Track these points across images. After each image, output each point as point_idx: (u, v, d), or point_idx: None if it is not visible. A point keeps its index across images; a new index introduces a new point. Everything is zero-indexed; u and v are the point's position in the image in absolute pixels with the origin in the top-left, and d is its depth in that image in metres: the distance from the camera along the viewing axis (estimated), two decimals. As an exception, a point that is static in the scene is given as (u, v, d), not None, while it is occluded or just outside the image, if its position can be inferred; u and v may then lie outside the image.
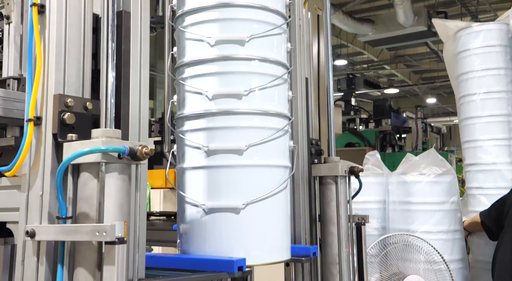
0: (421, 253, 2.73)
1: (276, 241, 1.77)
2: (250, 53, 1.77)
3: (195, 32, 1.78)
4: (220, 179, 1.71)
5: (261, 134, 1.76)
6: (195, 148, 1.75)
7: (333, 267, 2.24)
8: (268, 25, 1.81)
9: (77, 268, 1.24)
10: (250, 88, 1.75)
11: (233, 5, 1.77)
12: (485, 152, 3.51)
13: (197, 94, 1.77)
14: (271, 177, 1.78)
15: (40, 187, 1.31)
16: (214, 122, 1.75)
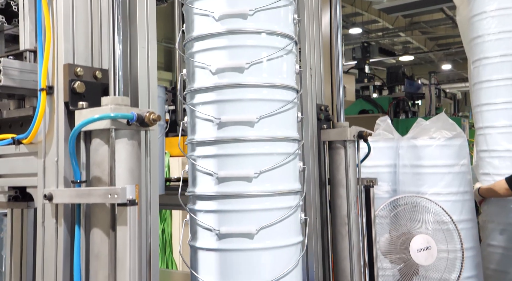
0: (430, 214, 2.72)
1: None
2: (256, 27, 1.71)
3: (201, 7, 1.74)
4: (230, 152, 1.67)
5: (270, 106, 1.72)
6: (206, 120, 1.71)
7: (343, 228, 2.25)
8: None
9: (92, 228, 1.27)
10: (256, 60, 1.69)
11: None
12: (498, 116, 3.44)
13: (204, 69, 1.72)
14: (281, 149, 1.74)
15: (55, 153, 1.33)
16: (223, 96, 1.70)
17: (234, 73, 1.69)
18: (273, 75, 1.75)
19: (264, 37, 1.73)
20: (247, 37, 1.71)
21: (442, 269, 2.66)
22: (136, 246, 1.21)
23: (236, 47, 1.71)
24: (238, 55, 1.70)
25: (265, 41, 1.73)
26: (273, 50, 1.73)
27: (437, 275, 2.67)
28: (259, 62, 1.70)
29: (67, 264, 1.28)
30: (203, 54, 1.74)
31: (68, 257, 1.29)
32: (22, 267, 1.62)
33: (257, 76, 1.70)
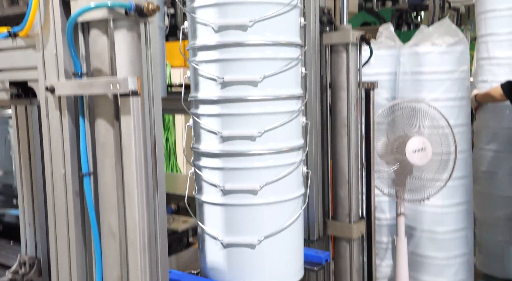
0: (427, 118, 2.72)
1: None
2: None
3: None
4: (234, 112, 1.67)
5: (274, 65, 1.68)
6: (209, 79, 1.69)
7: (342, 129, 2.26)
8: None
9: (97, 119, 1.26)
10: (259, 18, 1.62)
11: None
12: (501, 23, 3.35)
13: (206, 26, 1.65)
14: (284, 108, 1.73)
15: (54, 46, 1.29)
16: (226, 54, 1.66)
17: (237, 31, 1.62)
18: (277, 33, 1.68)
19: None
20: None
21: (434, 169, 2.72)
22: (141, 135, 1.21)
23: (239, 4, 1.62)
24: (241, 13, 1.61)
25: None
26: (277, 6, 1.63)
27: (429, 175, 2.73)
28: (262, 20, 1.62)
29: (74, 154, 1.29)
30: (205, 10, 1.65)
31: (74, 148, 1.29)
32: (31, 164, 1.64)
33: (261, 34, 1.64)
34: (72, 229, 1.30)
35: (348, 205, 2.26)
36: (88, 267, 1.30)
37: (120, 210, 1.23)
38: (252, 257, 1.69)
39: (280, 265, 1.76)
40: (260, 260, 1.71)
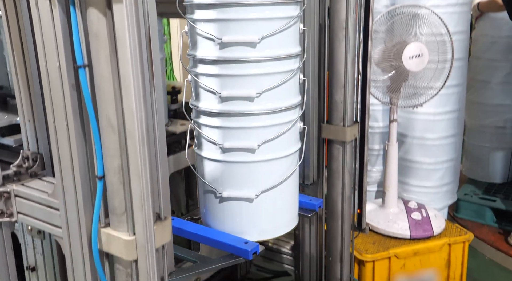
0: (426, 25, 2.64)
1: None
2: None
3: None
4: (232, 72, 1.65)
5: (272, 25, 1.63)
6: (207, 38, 1.64)
7: (340, 32, 2.19)
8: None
9: (88, 9, 1.19)
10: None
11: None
12: None
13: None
14: (282, 68, 1.69)
15: None
16: (224, 14, 1.60)
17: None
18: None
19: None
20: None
21: (429, 77, 2.69)
22: (135, 24, 1.15)
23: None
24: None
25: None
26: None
27: (423, 84, 2.71)
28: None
29: (68, 46, 1.24)
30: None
31: (68, 39, 1.24)
32: (25, 61, 1.59)
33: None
34: (71, 122, 1.29)
35: (343, 109, 2.26)
36: (89, 158, 1.30)
37: (117, 102, 1.21)
38: (249, 209, 1.77)
39: (276, 216, 1.85)
40: (257, 212, 1.78)
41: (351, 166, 2.32)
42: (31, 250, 1.78)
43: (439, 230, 2.74)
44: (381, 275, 2.62)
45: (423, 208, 2.88)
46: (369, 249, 2.65)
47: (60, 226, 1.40)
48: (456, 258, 2.74)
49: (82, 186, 1.31)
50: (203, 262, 1.75)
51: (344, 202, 2.32)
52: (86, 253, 1.34)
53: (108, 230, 1.30)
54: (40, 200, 1.44)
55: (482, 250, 3.44)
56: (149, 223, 1.25)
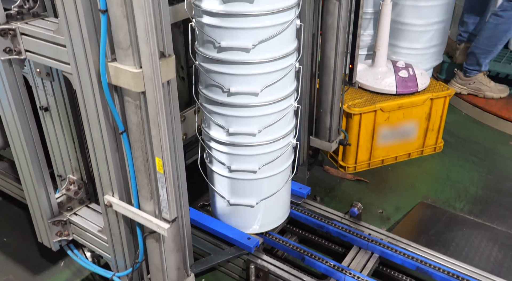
0: None
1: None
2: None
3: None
4: (232, 25, 1.63)
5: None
6: None
7: None
8: None
9: None
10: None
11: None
12: None
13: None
14: (279, 20, 1.66)
15: None
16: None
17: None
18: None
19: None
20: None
21: None
22: None
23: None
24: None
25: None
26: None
27: None
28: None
29: None
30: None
31: None
32: None
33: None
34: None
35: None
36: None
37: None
38: (251, 212, 2.05)
39: (272, 214, 2.12)
40: (257, 214, 2.07)
41: (346, 21, 2.25)
42: (42, 91, 1.79)
43: (424, 87, 2.79)
44: (366, 127, 2.72)
45: (410, 67, 2.89)
46: (357, 104, 2.71)
47: (68, 62, 1.38)
48: (437, 111, 2.84)
49: (86, 21, 1.26)
50: (215, 254, 2.06)
51: (337, 57, 2.30)
52: (95, 86, 1.35)
53: (115, 64, 1.29)
54: (46, 37, 1.40)
55: (460, 107, 3.55)
56: (154, 57, 1.23)
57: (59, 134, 1.89)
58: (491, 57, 3.29)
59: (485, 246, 2.30)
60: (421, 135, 2.92)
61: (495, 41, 3.16)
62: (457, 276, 1.96)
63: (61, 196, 1.96)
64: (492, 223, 2.47)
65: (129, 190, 1.56)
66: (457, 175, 2.87)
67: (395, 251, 2.08)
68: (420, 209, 2.57)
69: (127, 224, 1.65)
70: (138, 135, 1.39)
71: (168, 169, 1.41)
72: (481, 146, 3.16)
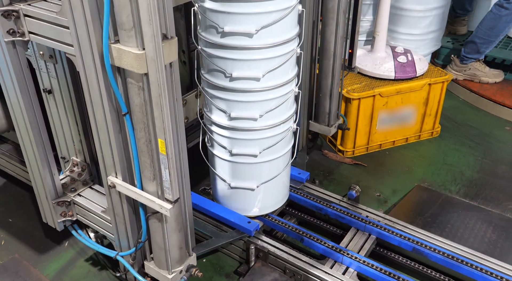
0: None
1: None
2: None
3: None
4: (234, 10, 1.62)
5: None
6: None
7: None
8: None
9: None
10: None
11: None
12: None
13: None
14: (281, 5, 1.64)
15: None
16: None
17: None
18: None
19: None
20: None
21: None
22: None
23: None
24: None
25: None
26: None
27: None
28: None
29: None
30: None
31: None
32: None
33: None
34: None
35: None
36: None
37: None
38: (251, 195, 2.05)
39: (272, 198, 2.12)
40: (257, 197, 2.06)
41: (346, 5, 2.24)
42: (45, 74, 1.78)
43: (422, 72, 2.78)
44: (365, 111, 2.72)
45: (409, 53, 2.88)
46: (356, 89, 2.70)
47: (72, 44, 1.37)
48: (435, 96, 2.83)
49: (89, 2, 1.25)
50: (217, 237, 2.05)
51: (337, 41, 2.29)
52: (99, 68, 1.35)
53: (118, 45, 1.28)
54: (49, 18, 1.39)
55: (457, 93, 3.55)
56: (157, 38, 1.23)
57: (62, 116, 1.89)
58: (492, 47, 3.27)
59: (479, 228, 2.32)
60: (419, 120, 2.92)
61: (497, 32, 3.13)
62: (452, 256, 1.99)
63: (65, 177, 1.97)
64: (487, 205, 2.49)
65: (132, 171, 1.57)
66: (453, 159, 2.88)
67: (392, 233, 2.10)
68: (417, 192, 2.58)
69: (130, 205, 1.66)
70: (141, 116, 1.39)
71: (170, 150, 1.41)
72: (477, 130, 3.16)
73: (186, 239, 1.73)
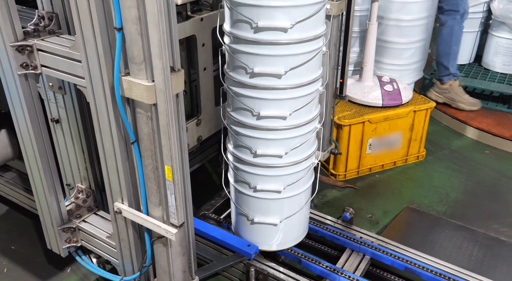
0: None
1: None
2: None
3: None
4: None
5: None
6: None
7: None
8: None
9: None
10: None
11: None
12: None
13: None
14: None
15: None
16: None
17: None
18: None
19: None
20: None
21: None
22: None
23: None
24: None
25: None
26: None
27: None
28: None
29: None
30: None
31: None
32: None
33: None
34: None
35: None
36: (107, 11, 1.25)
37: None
38: (273, 230, 2.00)
39: (292, 233, 2.06)
40: (279, 231, 2.01)
41: (337, 38, 2.30)
42: (53, 104, 1.78)
43: (407, 99, 2.84)
44: (355, 137, 2.76)
45: (395, 82, 2.94)
46: (346, 116, 2.75)
47: (83, 77, 1.39)
48: (419, 122, 2.89)
49: (102, 37, 1.27)
50: (217, 261, 2.03)
51: (329, 71, 2.33)
52: (109, 99, 1.35)
53: (128, 77, 1.30)
54: (62, 52, 1.40)
55: (441, 120, 3.62)
56: (166, 71, 1.25)
57: (69, 145, 1.88)
58: (453, 59, 3.42)
59: (466, 247, 2.34)
60: (405, 144, 2.96)
61: (449, 43, 3.38)
62: (443, 275, 1.99)
63: (70, 204, 1.94)
64: (472, 225, 2.51)
65: (138, 196, 1.55)
66: (439, 181, 2.91)
67: (385, 253, 2.10)
68: (407, 213, 2.59)
69: (135, 230, 1.64)
70: (149, 144, 1.39)
71: (176, 176, 1.41)
72: (459, 154, 3.21)
73: (189, 263, 1.70)
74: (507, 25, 3.63)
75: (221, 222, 2.32)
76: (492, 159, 3.16)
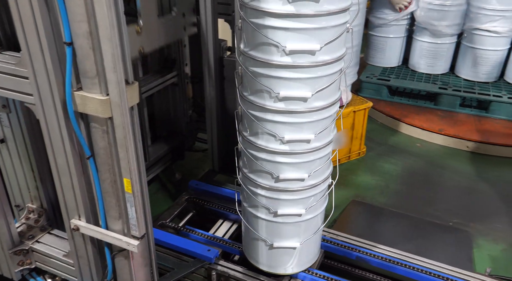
0: None
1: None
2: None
3: None
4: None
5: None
6: None
7: None
8: None
9: None
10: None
11: None
12: None
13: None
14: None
15: None
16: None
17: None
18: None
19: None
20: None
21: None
22: None
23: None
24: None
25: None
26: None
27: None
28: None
29: None
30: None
31: None
32: None
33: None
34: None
35: None
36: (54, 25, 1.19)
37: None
38: (292, 253, 1.89)
39: (308, 255, 1.98)
40: (297, 255, 1.91)
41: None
42: (-2, 123, 1.67)
43: (347, 101, 2.96)
44: (301, 138, 2.82)
45: (334, 85, 3.05)
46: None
47: (31, 93, 1.31)
48: (359, 122, 3.02)
49: (50, 52, 1.21)
50: (179, 268, 1.97)
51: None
52: (60, 115, 1.29)
53: (81, 92, 1.25)
54: (6, 70, 1.32)
55: (377, 118, 3.82)
56: (121, 84, 1.21)
57: (16, 164, 1.76)
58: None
59: (407, 232, 2.48)
60: (348, 143, 3.09)
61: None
62: (390, 260, 2.09)
63: (21, 225, 1.82)
64: (410, 212, 2.67)
65: (96, 212, 1.49)
66: (379, 175, 3.06)
67: (337, 245, 2.17)
68: (353, 206, 2.71)
69: (94, 245, 1.57)
70: (106, 158, 1.34)
71: (136, 188, 1.38)
72: (395, 148, 3.41)
73: (152, 273, 1.66)
74: (429, 31, 3.92)
75: (180, 229, 2.28)
76: (423, 151, 3.39)
